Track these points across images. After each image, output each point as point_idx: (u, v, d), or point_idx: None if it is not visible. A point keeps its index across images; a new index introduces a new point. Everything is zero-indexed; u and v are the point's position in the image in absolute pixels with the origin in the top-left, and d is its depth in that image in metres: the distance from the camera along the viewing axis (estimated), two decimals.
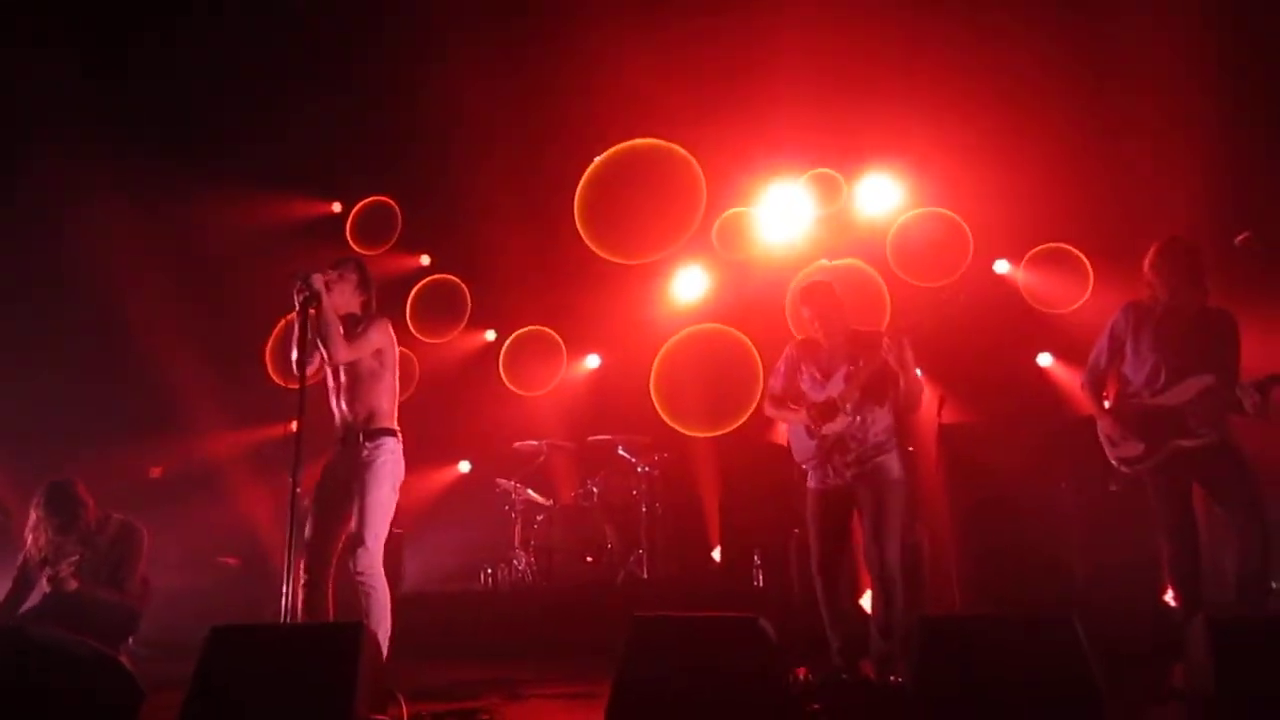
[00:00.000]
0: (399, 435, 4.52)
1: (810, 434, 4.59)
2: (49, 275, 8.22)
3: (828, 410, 4.53)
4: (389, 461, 4.40)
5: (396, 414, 4.56)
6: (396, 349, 4.60)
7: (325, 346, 4.29)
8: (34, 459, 7.50)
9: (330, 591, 4.34)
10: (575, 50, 7.86)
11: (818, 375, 4.65)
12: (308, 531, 4.35)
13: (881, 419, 4.54)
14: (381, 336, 4.48)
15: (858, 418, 4.46)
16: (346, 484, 4.33)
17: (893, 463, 4.51)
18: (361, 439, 4.37)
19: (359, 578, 4.19)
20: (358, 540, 4.21)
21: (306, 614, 4.23)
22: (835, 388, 4.56)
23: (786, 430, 4.87)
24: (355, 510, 4.27)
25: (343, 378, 4.47)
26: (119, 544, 5.20)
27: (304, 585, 4.26)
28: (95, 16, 7.80)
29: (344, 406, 4.46)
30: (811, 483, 4.66)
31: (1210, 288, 4.47)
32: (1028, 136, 7.28)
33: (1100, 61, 7.22)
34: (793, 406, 4.69)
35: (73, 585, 4.88)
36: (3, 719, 3.29)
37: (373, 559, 4.21)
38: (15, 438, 7.53)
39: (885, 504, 4.42)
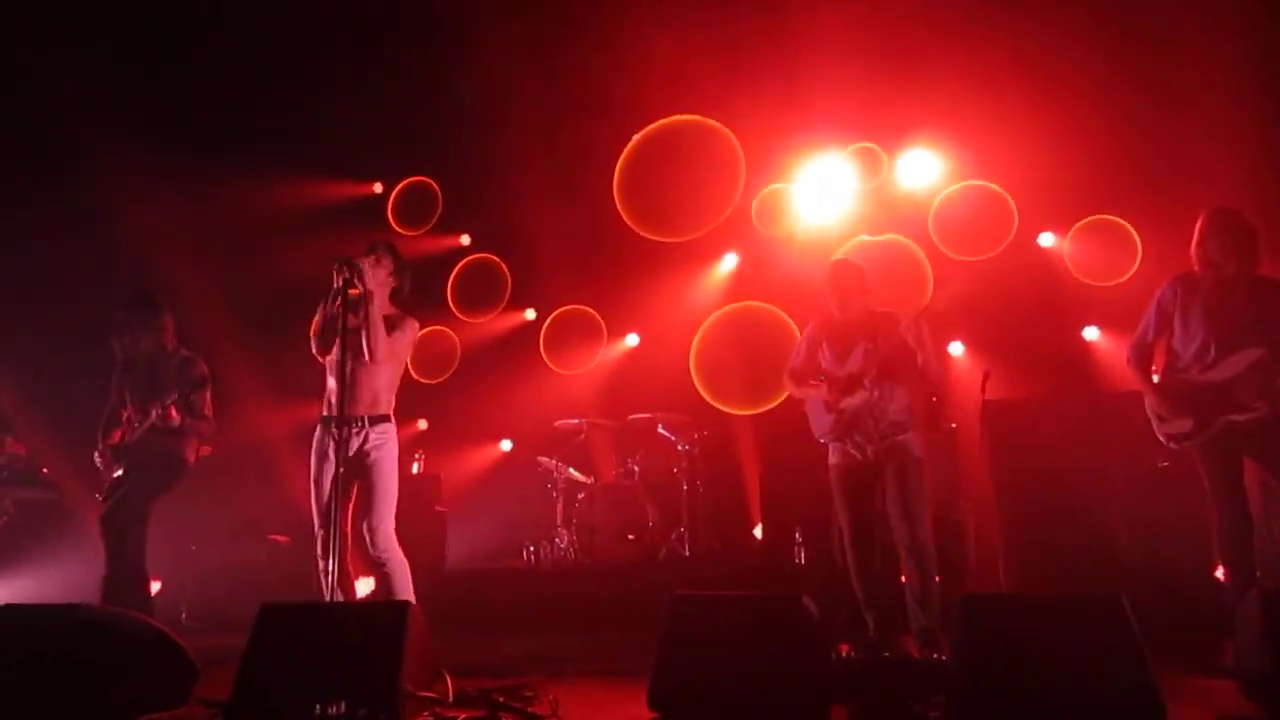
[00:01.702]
0: (394, 420, 4.72)
1: (829, 408, 4.70)
2: (100, 260, 8.36)
3: (848, 385, 4.66)
4: (393, 445, 4.59)
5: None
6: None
7: (369, 344, 4.43)
8: (87, 441, 7.68)
9: (350, 570, 4.48)
10: (615, 27, 7.81)
11: (839, 350, 4.78)
12: (318, 516, 4.46)
13: (899, 397, 4.67)
14: (412, 338, 4.72)
15: (875, 393, 4.59)
16: (353, 468, 4.45)
17: (912, 442, 4.64)
18: (367, 424, 4.51)
19: (379, 556, 4.38)
20: (375, 522, 4.41)
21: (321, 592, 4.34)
22: (854, 364, 4.69)
23: (806, 406, 4.92)
24: (367, 494, 4.45)
25: (349, 365, 4.50)
26: (187, 370, 5.45)
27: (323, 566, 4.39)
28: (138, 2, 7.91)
29: (350, 392, 4.47)
30: (833, 458, 4.79)
31: (1262, 257, 4.36)
32: (1073, 107, 7.13)
33: (1146, 28, 7.04)
34: (813, 382, 4.80)
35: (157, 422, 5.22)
36: (59, 694, 3.38)
37: (389, 537, 4.43)
38: (68, 420, 7.70)
39: (909, 481, 4.56)
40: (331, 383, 4.55)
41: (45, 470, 7.59)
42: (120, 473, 5.31)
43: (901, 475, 4.57)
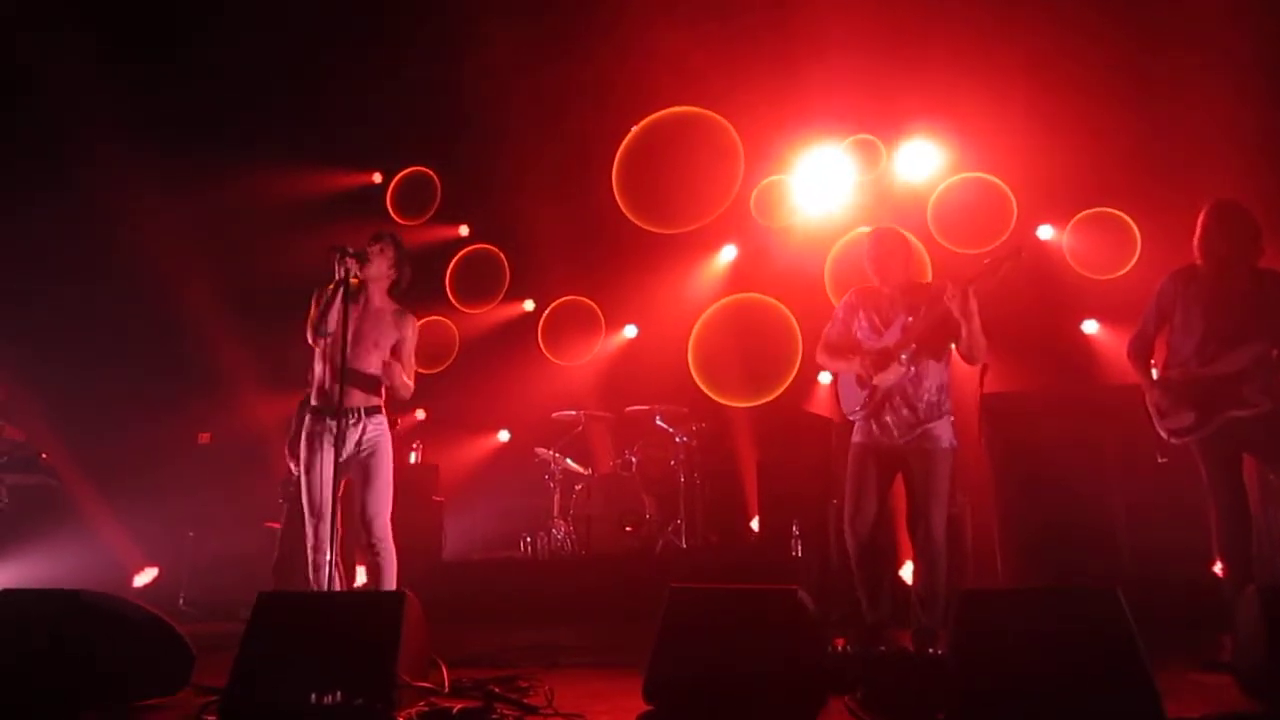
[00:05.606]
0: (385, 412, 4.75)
1: (861, 383, 4.48)
2: (100, 249, 8.37)
3: (882, 359, 4.43)
4: (387, 436, 4.62)
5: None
6: None
7: (399, 392, 4.58)
8: (86, 428, 7.68)
9: (339, 560, 4.49)
10: (616, 18, 7.78)
11: (876, 322, 4.54)
12: (310, 506, 4.46)
13: (935, 375, 4.43)
14: (413, 339, 4.72)
15: (912, 369, 4.36)
16: (352, 459, 4.47)
17: (944, 430, 4.40)
18: (364, 415, 4.52)
19: (374, 545, 4.42)
20: (372, 512, 4.43)
21: (317, 584, 4.35)
22: (892, 337, 4.44)
23: (836, 380, 4.76)
24: (367, 485, 4.47)
25: (347, 354, 4.48)
26: None
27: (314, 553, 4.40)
28: None
29: (345, 383, 4.43)
30: (857, 436, 4.55)
31: (1264, 251, 4.34)
32: (1072, 99, 7.09)
33: (1146, 19, 7.01)
34: (847, 355, 4.57)
35: None
36: (56, 679, 3.37)
37: (385, 528, 4.46)
38: (69, 408, 7.70)
39: (934, 473, 4.33)
40: (318, 370, 4.56)
41: (44, 456, 7.61)
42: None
43: (926, 468, 4.32)
